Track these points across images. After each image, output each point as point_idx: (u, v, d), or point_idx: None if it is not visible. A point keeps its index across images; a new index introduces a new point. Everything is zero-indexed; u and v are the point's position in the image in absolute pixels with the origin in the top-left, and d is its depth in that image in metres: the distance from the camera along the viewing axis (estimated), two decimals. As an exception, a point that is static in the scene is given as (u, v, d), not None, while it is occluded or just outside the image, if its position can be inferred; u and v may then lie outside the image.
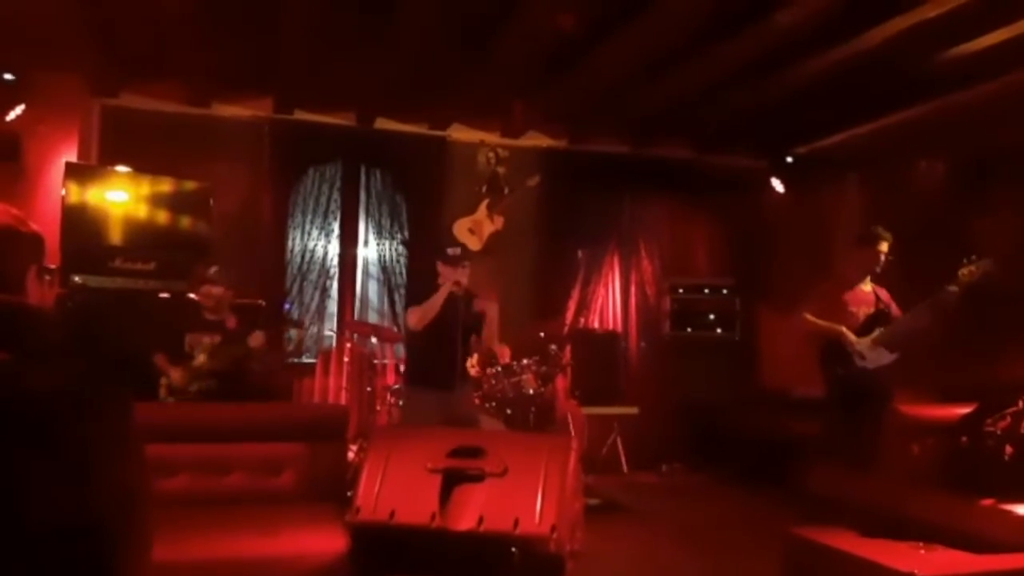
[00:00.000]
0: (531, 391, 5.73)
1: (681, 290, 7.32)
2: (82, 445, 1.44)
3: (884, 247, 4.51)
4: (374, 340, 6.43)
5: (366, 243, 7.10)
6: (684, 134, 7.39)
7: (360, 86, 6.29)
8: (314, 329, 6.88)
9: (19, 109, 5.55)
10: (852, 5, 4.52)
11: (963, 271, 4.02)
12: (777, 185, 7.38)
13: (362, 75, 5.96)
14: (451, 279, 4.43)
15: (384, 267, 7.07)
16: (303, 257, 6.84)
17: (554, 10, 4.75)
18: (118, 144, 6.23)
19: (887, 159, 6.51)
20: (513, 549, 2.72)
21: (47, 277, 1.70)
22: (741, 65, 5.48)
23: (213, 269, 4.82)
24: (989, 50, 4.91)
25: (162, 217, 6.04)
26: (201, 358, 4.56)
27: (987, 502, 3.36)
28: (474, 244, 7.19)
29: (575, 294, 7.44)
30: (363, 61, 5.67)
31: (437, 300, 4.40)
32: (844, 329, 4.39)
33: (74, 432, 1.44)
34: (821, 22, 4.74)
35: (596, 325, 7.52)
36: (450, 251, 4.64)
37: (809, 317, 4.53)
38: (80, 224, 5.64)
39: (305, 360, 6.81)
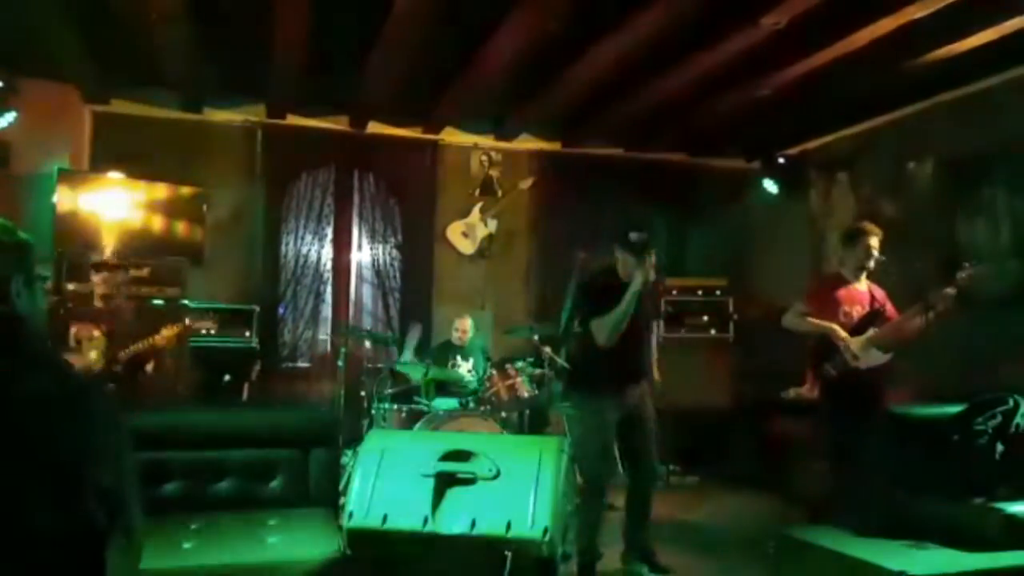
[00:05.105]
0: (525, 394, 5.74)
1: (674, 291, 7.32)
2: (70, 452, 1.44)
3: (873, 241, 4.46)
4: (368, 344, 6.43)
5: (360, 247, 7.09)
6: (676, 136, 7.40)
7: (352, 91, 6.29)
8: (309, 333, 6.88)
9: (10, 116, 5.53)
10: (840, 6, 4.54)
11: (958, 275, 4.03)
12: (769, 186, 7.39)
13: (354, 80, 5.97)
14: (639, 273, 3.72)
15: (378, 271, 7.08)
16: (297, 262, 6.84)
17: (545, 14, 4.76)
18: (110, 150, 6.22)
19: (877, 160, 6.53)
20: (506, 552, 2.72)
21: (40, 284, 1.70)
22: (732, 67, 5.50)
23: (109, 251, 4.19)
24: (977, 50, 4.93)
25: (155, 223, 6.04)
26: (92, 355, 3.94)
27: (978, 500, 3.38)
28: (468, 247, 7.22)
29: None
30: (355, 66, 5.67)
31: (627, 308, 3.71)
32: (836, 327, 4.34)
33: (62, 439, 1.44)
34: (809, 23, 4.75)
35: (590, 327, 7.51)
36: (634, 236, 3.77)
37: (798, 316, 4.49)
38: (72, 231, 5.63)
39: (300, 364, 6.81)
